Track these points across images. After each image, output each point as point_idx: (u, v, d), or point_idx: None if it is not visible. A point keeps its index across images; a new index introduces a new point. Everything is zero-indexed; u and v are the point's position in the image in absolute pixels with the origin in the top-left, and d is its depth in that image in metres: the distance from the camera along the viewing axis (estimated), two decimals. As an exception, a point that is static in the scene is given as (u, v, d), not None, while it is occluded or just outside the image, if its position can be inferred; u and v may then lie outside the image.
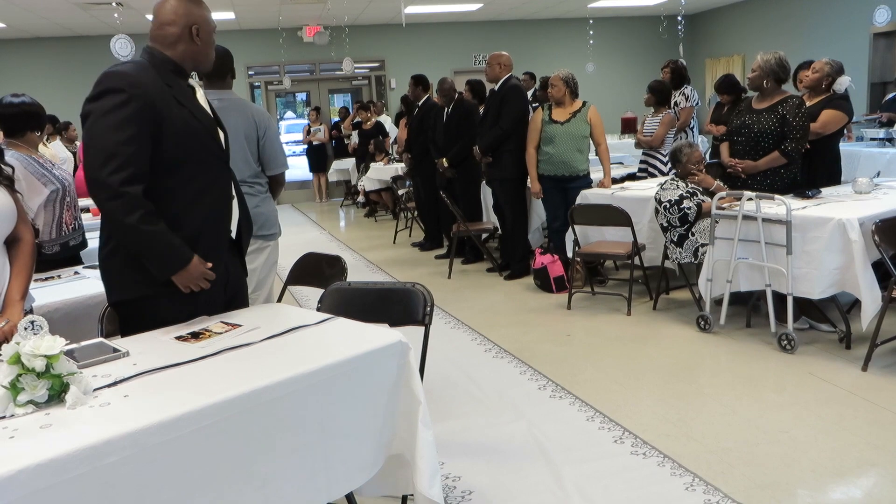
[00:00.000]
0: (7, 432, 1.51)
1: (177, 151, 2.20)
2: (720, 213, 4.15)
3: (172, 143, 2.19)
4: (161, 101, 2.16)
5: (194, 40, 2.29)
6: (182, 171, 2.23)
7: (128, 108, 2.10)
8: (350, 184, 11.67)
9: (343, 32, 11.93)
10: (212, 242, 2.32)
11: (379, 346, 1.99)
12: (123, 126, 2.09)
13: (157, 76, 2.22)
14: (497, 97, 5.89)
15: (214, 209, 2.35)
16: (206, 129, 2.31)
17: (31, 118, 3.35)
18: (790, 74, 4.39)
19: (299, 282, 3.31)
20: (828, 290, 3.77)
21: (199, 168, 2.28)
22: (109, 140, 2.09)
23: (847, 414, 3.17)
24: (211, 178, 2.33)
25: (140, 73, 2.18)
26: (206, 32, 2.33)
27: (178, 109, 2.21)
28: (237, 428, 1.68)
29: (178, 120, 2.20)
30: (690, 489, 2.62)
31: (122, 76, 2.14)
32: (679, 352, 4.07)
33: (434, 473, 2.00)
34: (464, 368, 4.00)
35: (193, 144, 2.25)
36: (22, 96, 3.38)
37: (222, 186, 2.39)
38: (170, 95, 2.21)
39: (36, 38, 11.12)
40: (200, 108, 2.33)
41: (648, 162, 6.12)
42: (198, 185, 2.27)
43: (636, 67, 13.02)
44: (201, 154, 2.28)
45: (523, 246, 6.08)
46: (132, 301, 2.28)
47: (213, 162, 2.33)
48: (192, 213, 2.26)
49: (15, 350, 1.62)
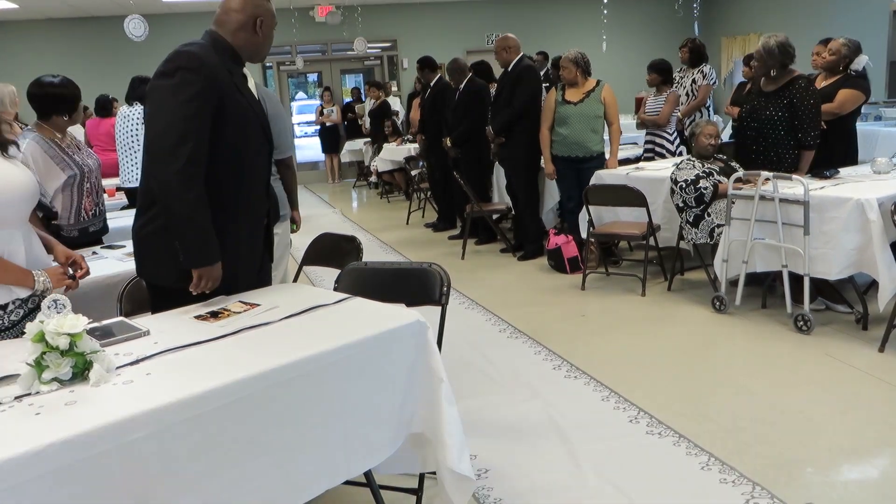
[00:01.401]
0: (33, 409, 1.54)
1: (235, 139, 2.23)
2: (736, 193, 4.12)
3: (232, 130, 2.21)
4: (226, 86, 2.19)
5: (257, 31, 2.31)
6: (237, 160, 2.26)
7: (198, 87, 2.12)
8: (363, 164, 11.66)
9: (355, 12, 11.86)
10: (251, 228, 2.37)
11: (397, 325, 2.00)
12: (193, 104, 2.12)
13: (220, 61, 2.23)
14: (510, 78, 5.85)
15: (257, 198, 2.39)
16: (260, 119, 2.35)
17: (58, 102, 3.27)
18: (794, 56, 4.30)
19: (315, 262, 3.33)
20: (845, 271, 3.75)
21: (253, 158, 2.32)
22: (179, 115, 2.11)
23: (863, 394, 3.16)
24: (260, 168, 2.38)
25: (209, 56, 2.20)
26: (269, 26, 2.35)
27: (237, 97, 2.24)
28: (258, 405, 1.70)
29: (237, 107, 2.23)
30: (706, 468, 2.63)
31: (195, 57, 2.16)
32: (694, 332, 4.07)
33: (462, 449, 2.02)
34: (478, 348, 4.02)
35: (250, 134, 2.29)
36: (56, 77, 3.32)
37: (265, 177, 2.44)
38: (231, 82, 2.23)
39: (48, 18, 11.12)
40: (255, 98, 2.36)
41: (654, 142, 6.07)
42: (248, 174, 2.31)
43: (651, 46, 12.86)
44: (255, 144, 2.32)
45: (536, 226, 6.07)
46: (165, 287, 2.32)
47: (263, 152, 2.38)
48: (238, 200, 2.30)
49: (39, 328, 1.64)
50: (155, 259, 2.28)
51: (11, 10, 10.11)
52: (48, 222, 3.27)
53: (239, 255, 2.33)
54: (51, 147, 3.26)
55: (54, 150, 3.27)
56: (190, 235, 2.16)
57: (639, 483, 2.57)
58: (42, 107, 3.28)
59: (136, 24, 8.51)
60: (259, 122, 2.35)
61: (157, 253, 2.26)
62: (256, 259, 2.44)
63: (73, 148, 3.37)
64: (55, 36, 11.26)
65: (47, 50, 11.18)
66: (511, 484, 2.61)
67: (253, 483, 1.72)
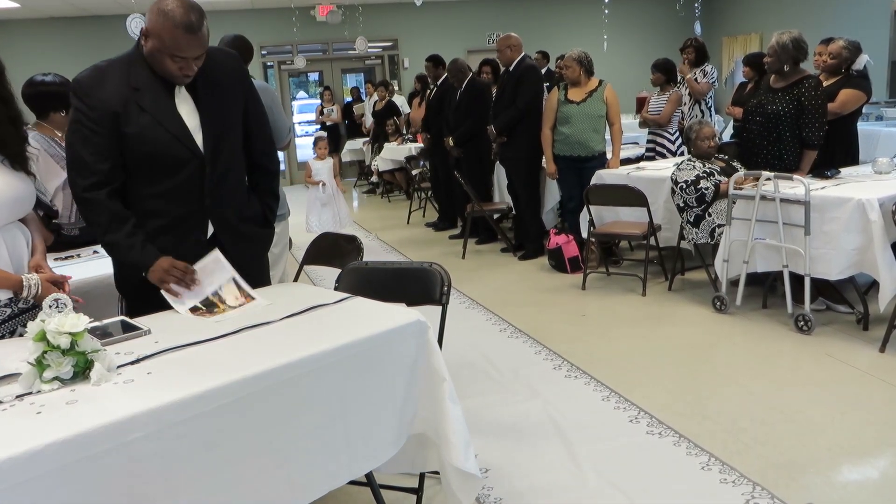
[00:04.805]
0: (34, 408, 1.54)
1: (134, 156, 2.22)
2: (737, 193, 4.12)
3: (130, 148, 2.20)
4: (120, 106, 2.16)
5: (146, 42, 2.17)
6: (143, 174, 2.25)
7: (83, 115, 2.15)
8: (363, 164, 11.66)
9: (356, 11, 11.85)
10: (174, 239, 2.31)
11: (398, 324, 2.00)
12: (80, 133, 2.16)
13: (128, 76, 2.18)
14: (513, 77, 5.85)
15: (182, 209, 2.31)
16: (171, 132, 2.22)
17: (53, 99, 3.28)
18: (807, 52, 4.31)
19: (315, 262, 3.33)
20: (846, 271, 3.75)
21: (161, 171, 2.25)
22: (74, 146, 2.19)
23: (864, 394, 3.16)
24: (178, 180, 2.27)
25: (101, 78, 2.18)
26: (154, 42, 2.13)
27: (135, 115, 2.18)
28: (259, 405, 1.70)
29: (136, 125, 2.18)
30: (706, 468, 2.63)
31: (79, 84, 2.18)
32: (694, 332, 4.07)
33: (467, 447, 2.02)
34: (479, 348, 4.02)
35: (151, 150, 2.21)
36: (47, 76, 3.32)
37: (193, 191, 2.31)
38: (132, 100, 2.17)
39: (50, 17, 11.12)
40: (167, 112, 2.23)
41: (656, 141, 6.07)
42: (162, 186, 2.26)
43: (652, 46, 12.85)
44: (161, 159, 2.23)
45: (537, 226, 6.07)
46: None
47: (183, 166, 2.27)
48: (156, 210, 2.28)
49: (40, 327, 1.64)
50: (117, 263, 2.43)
51: (13, 10, 10.11)
52: (49, 221, 3.27)
53: None
54: (51, 145, 3.26)
55: (54, 148, 3.27)
56: (113, 253, 2.31)
57: (639, 483, 2.57)
58: (37, 106, 3.29)
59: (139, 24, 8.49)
60: (172, 136, 2.22)
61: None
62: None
63: None
64: (57, 35, 11.25)
65: (49, 49, 11.16)
66: (511, 484, 2.62)
67: (254, 483, 1.72)
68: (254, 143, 2.49)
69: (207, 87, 2.30)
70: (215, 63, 2.31)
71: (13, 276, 2.10)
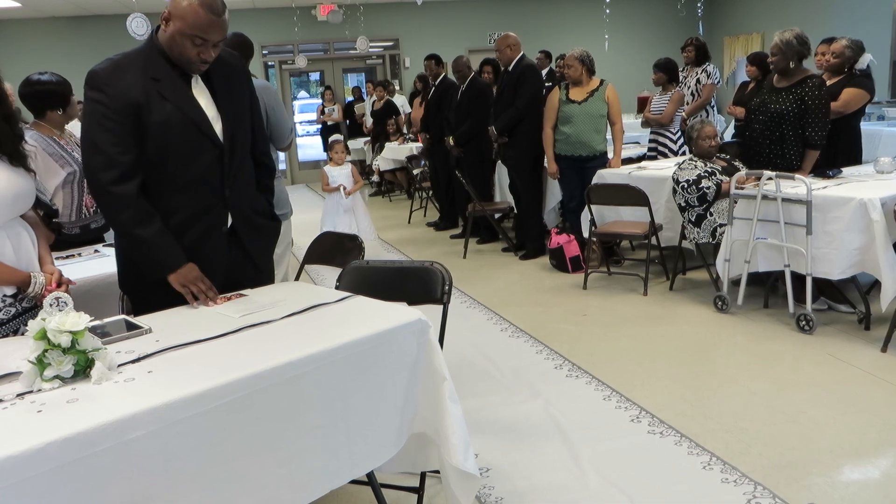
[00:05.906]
0: (35, 406, 1.54)
1: (157, 147, 2.20)
2: (739, 192, 4.11)
3: (153, 138, 2.19)
4: (142, 96, 2.15)
5: (166, 28, 2.19)
6: (162, 167, 2.23)
7: (103, 107, 2.13)
8: (364, 163, 11.65)
9: (357, 11, 11.85)
10: (202, 236, 2.32)
11: (399, 324, 1.99)
12: (105, 125, 2.13)
13: (145, 68, 2.19)
14: (513, 77, 5.85)
15: (204, 201, 2.32)
16: (193, 121, 2.24)
17: (49, 97, 3.29)
18: (810, 48, 4.31)
19: (316, 261, 3.32)
20: (848, 271, 3.74)
21: (183, 164, 2.25)
22: (94, 138, 2.15)
23: (865, 395, 3.16)
24: (199, 172, 2.28)
25: (117, 70, 2.17)
26: (179, 26, 2.15)
27: (158, 104, 2.18)
28: (260, 404, 1.70)
29: (160, 114, 2.18)
30: (708, 468, 2.63)
31: (96, 77, 2.16)
32: (696, 332, 4.06)
33: (467, 447, 2.02)
34: (480, 347, 4.01)
35: (176, 139, 2.22)
36: (43, 75, 3.34)
37: (214, 181, 2.32)
38: (153, 89, 2.18)
39: (51, 17, 11.12)
40: (188, 101, 2.25)
41: (658, 141, 6.07)
42: (181, 180, 2.26)
43: (653, 46, 12.85)
44: (185, 148, 2.24)
45: (538, 226, 6.07)
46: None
47: (202, 156, 2.28)
48: (178, 205, 2.27)
49: (41, 326, 1.64)
50: (125, 264, 2.40)
51: (14, 9, 10.11)
52: (49, 220, 3.27)
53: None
54: (49, 144, 3.27)
55: (53, 147, 3.27)
56: (137, 252, 2.26)
57: (640, 482, 2.56)
58: (34, 105, 3.30)
59: (139, 23, 8.51)
60: (194, 125, 2.24)
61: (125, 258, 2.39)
62: (218, 271, 2.34)
63: (72, 145, 3.38)
64: (57, 34, 11.25)
65: (50, 48, 11.16)
66: (512, 483, 2.61)
67: (255, 482, 1.71)
68: (255, 142, 2.51)
69: (220, 79, 2.34)
70: (223, 60, 2.35)
71: (20, 272, 2.11)
